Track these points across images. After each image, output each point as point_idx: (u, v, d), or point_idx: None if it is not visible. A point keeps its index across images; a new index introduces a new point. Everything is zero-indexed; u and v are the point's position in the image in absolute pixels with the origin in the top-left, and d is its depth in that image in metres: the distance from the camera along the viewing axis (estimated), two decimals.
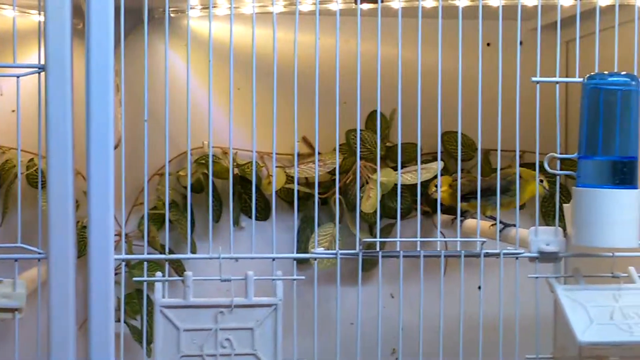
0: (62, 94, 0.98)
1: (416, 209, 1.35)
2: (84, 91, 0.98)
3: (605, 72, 1.06)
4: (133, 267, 1.41)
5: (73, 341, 1.01)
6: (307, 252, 1.23)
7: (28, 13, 1.41)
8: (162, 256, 1.14)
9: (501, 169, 1.17)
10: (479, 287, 1.11)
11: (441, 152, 1.20)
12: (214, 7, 1.40)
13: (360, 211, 1.25)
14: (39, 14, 1.01)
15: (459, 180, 1.17)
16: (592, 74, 1.06)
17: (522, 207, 1.38)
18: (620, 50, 1.11)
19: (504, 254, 1.12)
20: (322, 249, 1.31)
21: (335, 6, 1.29)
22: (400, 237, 1.12)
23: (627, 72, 1.06)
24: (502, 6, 1.11)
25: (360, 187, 1.37)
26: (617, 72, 1.07)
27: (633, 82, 1.05)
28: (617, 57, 1.11)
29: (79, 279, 1.03)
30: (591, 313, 1.04)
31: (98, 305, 1.01)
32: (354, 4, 1.20)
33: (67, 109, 0.98)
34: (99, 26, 0.97)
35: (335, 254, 1.12)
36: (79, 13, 1.02)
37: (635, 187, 1.05)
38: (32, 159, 1.46)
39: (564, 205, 1.12)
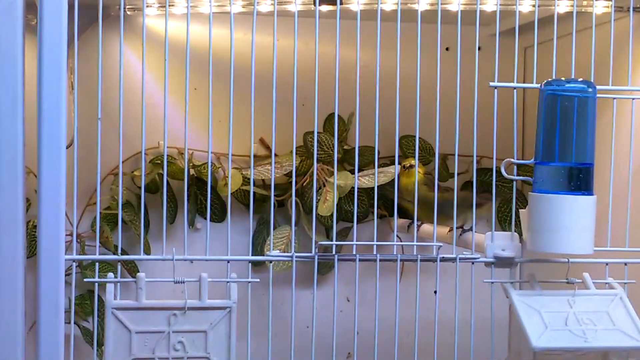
0: (13, 91, 0.97)
1: (373, 213, 1.35)
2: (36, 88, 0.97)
3: (563, 79, 1.07)
4: (86, 268, 1.39)
5: (22, 343, 1.00)
6: (263, 255, 1.21)
7: None
8: (114, 257, 1.12)
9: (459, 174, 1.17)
10: (435, 292, 1.11)
11: (399, 155, 1.20)
12: (171, 5, 1.39)
13: (317, 214, 1.24)
14: None
15: (417, 187, 1.17)
16: (549, 80, 1.07)
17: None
18: (577, 57, 1.12)
19: (460, 258, 1.12)
20: (278, 251, 1.30)
21: (294, 7, 1.28)
22: (357, 241, 1.12)
23: (584, 79, 1.07)
24: (461, 11, 1.12)
25: (317, 190, 1.37)
26: (574, 78, 1.07)
27: (590, 89, 1.05)
28: (575, 64, 1.12)
29: (29, 280, 1.01)
30: (546, 319, 1.05)
31: (47, 306, 0.99)
32: (313, 6, 1.20)
33: (18, 105, 0.97)
34: (52, 22, 0.96)
35: (291, 256, 1.11)
36: (32, 8, 1.00)
37: (590, 194, 1.06)
38: None
39: (520, 210, 1.12)
